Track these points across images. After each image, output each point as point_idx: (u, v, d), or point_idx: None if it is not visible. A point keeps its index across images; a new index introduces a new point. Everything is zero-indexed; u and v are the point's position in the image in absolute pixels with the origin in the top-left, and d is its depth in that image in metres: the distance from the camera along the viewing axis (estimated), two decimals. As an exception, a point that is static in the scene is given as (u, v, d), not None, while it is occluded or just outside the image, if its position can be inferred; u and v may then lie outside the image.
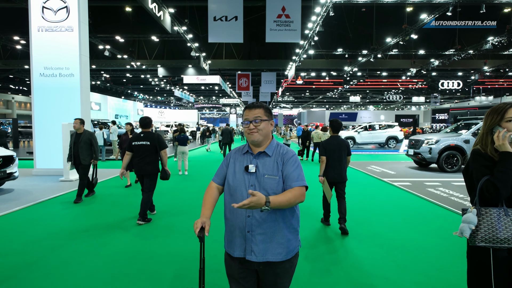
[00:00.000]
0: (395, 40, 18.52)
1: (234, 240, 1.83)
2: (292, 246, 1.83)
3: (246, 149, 1.93)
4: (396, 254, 3.88)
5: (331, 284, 3.15)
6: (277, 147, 1.89)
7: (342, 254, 3.85)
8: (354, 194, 6.93)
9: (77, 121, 6.38)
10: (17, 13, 18.30)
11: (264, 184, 1.78)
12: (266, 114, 1.88)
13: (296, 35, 12.65)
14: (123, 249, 3.95)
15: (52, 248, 3.94)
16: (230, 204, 1.84)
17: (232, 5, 12.45)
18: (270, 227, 1.77)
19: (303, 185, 1.79)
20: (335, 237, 4.43)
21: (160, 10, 13.06)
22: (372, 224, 5.03)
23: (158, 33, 19.35)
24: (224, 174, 1.95)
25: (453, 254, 3.83)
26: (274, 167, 1.81)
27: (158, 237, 4.37)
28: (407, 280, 3.19)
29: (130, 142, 4.97)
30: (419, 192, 7.07)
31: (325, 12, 14.58)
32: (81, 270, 3.37)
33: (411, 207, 6.02)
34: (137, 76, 32.51)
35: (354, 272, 3.37)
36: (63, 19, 8.31)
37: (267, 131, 1.87)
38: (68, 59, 8.41)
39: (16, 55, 23.70)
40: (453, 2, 13.81)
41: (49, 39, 8.44)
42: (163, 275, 3.29)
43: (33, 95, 8.57)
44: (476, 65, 25.62)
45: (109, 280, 3.17)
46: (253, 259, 1.78)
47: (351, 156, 4.77)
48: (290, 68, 24.13)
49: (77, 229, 4.67)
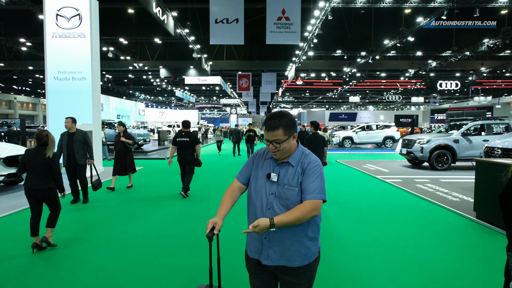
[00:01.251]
0: (392, 42, 18.92)
1: (251, 241, 1.88)
2: (311, 253, 1.83)
3: (270, 154, 1.90)
4: (378, 236, 4.50)
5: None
6: (301, 156, 1.86)
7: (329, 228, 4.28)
8: (347, 189, 7.46)
9: (69, 120, 6.12)
10: (23, 15, 18.68)
11: (283, 194, 1.78)
12: (286, 133, 1.79)
13: (296, 37, 12.83)
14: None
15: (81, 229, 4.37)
16: (251, 207, 1.89)
17: (233, 8, 12.62)
18: (287, 237, 1.78)
19: (319, 198, 1.74)
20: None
21: (164, 14, 13.45)
22: (361, 214, 5.55)
23: (161, 35, 19.73)
24: (248, 174, 1.96)
25: (426, 238, 4.46)
26: (295, 178, 1.79)
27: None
28: (379, 248, 3.66)
29: (175, 138, 6.70)
30: (407, 188, 7.56)
31: (324, 16, 14.96)
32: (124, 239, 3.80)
33: (398, 200, 6.52)
34: (138, 76, 32.87)
35: (336, 236, 3.80)
36: (75, 26, 8.75)
37: (290, 148, 1.82)
38: (80, 64, 8.85)
39: (20, 56, 24.03)
40: (447, 6, 14.20)
41: (63, 45, 8.88)
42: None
43: (48, 97, 9.01)
44: (473, 66, 25.89)
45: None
46: (268, 263, 1.81)
47: (326, 148, 6.29)
48: (290, 69, 24.46)
49: (95, 220, 5.10)
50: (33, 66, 25.32)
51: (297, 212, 1.70)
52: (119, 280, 3.24)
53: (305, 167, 1.80)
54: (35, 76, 32.02)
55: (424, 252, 3.95)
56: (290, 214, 1.70)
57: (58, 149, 6.06)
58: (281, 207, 1.77)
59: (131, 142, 7.55)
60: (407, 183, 8.19)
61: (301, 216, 1.69)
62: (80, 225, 4.98)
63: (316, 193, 1.74)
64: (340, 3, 14.17)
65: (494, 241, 4.33)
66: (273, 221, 1.66)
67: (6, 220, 5.17)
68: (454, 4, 13.96)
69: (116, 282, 3.19)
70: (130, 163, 7.56)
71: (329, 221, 5.16)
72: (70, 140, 6.00)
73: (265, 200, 1.81)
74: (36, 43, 20.58)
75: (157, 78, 32.51)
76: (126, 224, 5.02)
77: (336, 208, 5.92)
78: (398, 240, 4.35)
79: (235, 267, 3.38)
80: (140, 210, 5.80)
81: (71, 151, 5.98)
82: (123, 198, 6.76)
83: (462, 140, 9.98)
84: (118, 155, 7.43)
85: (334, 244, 4.20)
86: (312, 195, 1.73)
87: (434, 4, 14.19)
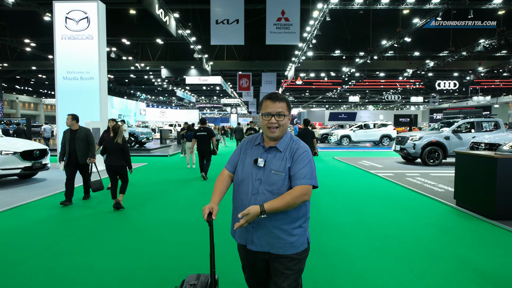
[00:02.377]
0: (390, 42, 19.28)
1: (238, 228, 1.86)
2: (298, 242, 1.80)
3: (258, 140, 1.92)
4: (364, 219, 5.00)
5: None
6: (290, 142, 1.87)
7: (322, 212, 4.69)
8: (341, 182, 7.94)
9: (69, 117, 5.95)
10: (27, 16, 19.02)
11: (269, 179, 1.77)
12: (288, 109, 1.85)
13: (295, 37, 13.03)
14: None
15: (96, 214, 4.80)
16: (237, 193, 1.88)
17: (233, 9, 12.81)
18: (272, 224, 1.76)
19: (309, 183, 1.74)
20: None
21: (166, 15, 13.83)
22: (352, 202, 6.03)
23: (163, 36, 20.05)
24: (236, 162, 1.96)
25: (408, 220, 4.95)
26: (282, 163, 1.79)
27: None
28: (364, 230, 4.05)
29: (195, 132, 8.36)
30: (398, 181, 8.03)
31: (322, 17, 15.31)
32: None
33: (387, 191, 6.99)
34: (140, 76, 33.20)
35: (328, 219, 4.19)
36: (84, 28, 9.20)
37: (287, 127, 1.86)
38: (88, 64, 9.30)
39: (23, 56, 24.33)
40: (442, 8, 14.58)
41: (72, 46, 9.34)
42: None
43: (57, 96, 9.46)
44: (471, 66, 26.11)
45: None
46: (253, 249, 1.81)
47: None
48: (290, 69, 24.74)
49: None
50: (36, 66, 25.59)
51: (288, 198, 1.69)
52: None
53: (294, 153, 1.81)
54: (37, 76, 32.34)
55: (403, 231, 4.45)
56: (281, 199, 1.69)
57: (62, 147, 5.92)
58: (266, 193, 1.76)
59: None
60: (398, 177, 8.63)
61: (291, 201, 1.69)
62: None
63: (307, 179, 1.73)
64: (338, 5, 14.53)
65: (469, 223, 4.77)
66: (264, 208, 1.65)
67: (32, 205, 5.62)
68: (449, 5, 14.32)
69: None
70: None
71: (321, 208, 5.60)
72: (72, 138, 5.87)
73: (250, 186, 1.80)
74: (40, 43, 20.97)
75: (158, 78, 32.83)
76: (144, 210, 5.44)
77: (330, 198, 6.37)
78: (382, 222, 4.83)
79: (227, 256, 3.56)
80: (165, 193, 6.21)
81: (73, 149, 5.83)
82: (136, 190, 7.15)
83: (453, 137, 10.38)
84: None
85: (324, 226, 4.65)
86: (303, 181, 1.73)
87: (429, 6, 14.56)
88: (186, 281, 2.00)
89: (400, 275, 3.15)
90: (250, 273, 1.99)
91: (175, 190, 7.23)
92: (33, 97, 49.60)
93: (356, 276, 3.13)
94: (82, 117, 8.94)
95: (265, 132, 1.86)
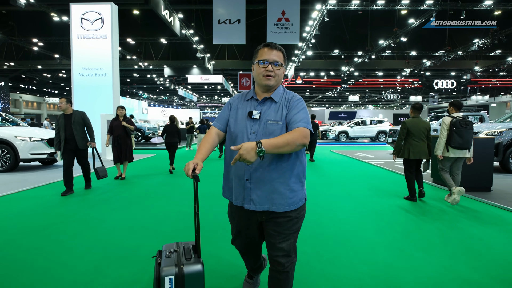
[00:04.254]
0: (387, 42, 19.86)
1: (233, 189, 1.79)
2: (297, 197, 1.75)
3: (251, 95, 1.86)
4: (350, 192, 5.85)
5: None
6: (284, 92, 1.83)
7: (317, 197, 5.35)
8: (335, 168, 8.73)
9: (63, 100, 5.50)
10: (35, 16, 19.57)
11: (266, 130, 1.71)
12: (284, 59, 1.80)
13: (295, 37, 13.51)
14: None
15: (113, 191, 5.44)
16: (231, 151, 1.76)
17: (235, 9, 13.25)
18: (272, 177, 1.69)
19: (306, 127, 1.66)
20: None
21: (171, 16, 14.45)
22: (342, 180, 6.81)
23: (166, 35, 20.59)
24: (226, 119, 1.87)
25: (387, 193, 5.91)
26: (278, 113, 1.74)
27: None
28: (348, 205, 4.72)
29: (205, 128, 9.52)
30: (386, 167, 8.98)
31: (321, 17, 15.88)
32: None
33: (375, 174, 8.02)
34: (142, 75, 33.72)
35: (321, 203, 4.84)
36: (98, 28, 9.94)
37: (281, 79, 1.81)
38: (102, 61, 10.06)
39: (29, 56, 24.77)
40: (436, 9, 15.19)
41: (87, 45, 10.09)
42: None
43: (73, 91, 10.21)
44: (468, 65, 26.41)
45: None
46: (251, 208, 1.72)
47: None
48: (290, 68, 25.08)
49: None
50: (42, 65, 25.98)
51: (288, 136, 1.61)
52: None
53: (289, 101, 1.77)
54: (42, 75, 32.86)
55: (379, 200, 5.41)
56: (280, 137, 1.60)
57: (56, 135, 5.49)
58: None
59: (132, 127, 6.95)
60: (388, 164, 9.54)
61: (291, 140, 1.59)
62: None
63: (304, 122, 1.68)
64: (336, 6, 15.12)
65: (436, 194, 5.79)
66: (259, 141, 1.54)
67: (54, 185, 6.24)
68: (441, 7, 14.93)
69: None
70: (128, 151, 6.97)
71: (316, 186, 6.46)
72: (67, 123, 5.43)
73: (246, 140, 1.72)
74: (48, 43, 21.57)
75: (160, 77, 33.37)
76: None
77: (324, 178, 7.30)
78: (365, 194, 5.85)
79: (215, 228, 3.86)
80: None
81: (70, 134, 5.42)
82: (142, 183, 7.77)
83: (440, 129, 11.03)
84: (117, 141, 6.82)
85: (318, 195, 5.63)
86: (301, 123, 1.67)
87: (423, 7, 15.17)
88: (164, 249, 1.86)
89: (371, 221, 4.21)
90: (245, 237, 1.92)
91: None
92: (36, 96, 50.10)
93: (337, 222, 4.17)
94: (96, 109, 9.70)
95: (259, 81, 1.78)
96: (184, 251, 1.80)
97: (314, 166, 9.37)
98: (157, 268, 1.75)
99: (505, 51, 23.48)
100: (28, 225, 3.96)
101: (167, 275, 1.63)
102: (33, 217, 4.28)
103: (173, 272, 1.64)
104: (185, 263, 1.68)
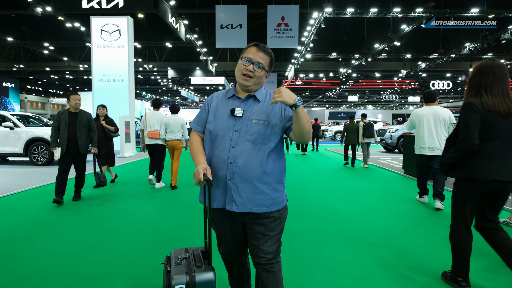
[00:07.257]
0: (382, 45, 20.67)
1: (213, 190, 1.70)
2: (280, 198, 1.73)
3: (232, 93, 1.80)
4: (335, 181, 6.89)
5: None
6: (266, 93, 1.79)
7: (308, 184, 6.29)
8: (325, 163, 9.72)
9: (78, 96, 4.98)
10: (47, 21, 20.28)
11: (250, 128, 1.66)
12: (269, 66, 1.74)
13: (294, 41, 14.18)
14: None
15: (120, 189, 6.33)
16: (212, 150, 1.71)
17: (237, 14, 14.01)
18: (253, 176, 1.64)
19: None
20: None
21: (177, 22, 15.33)
22: (328, 172, 7.69)
23: (170, 39, 21.21)
24: (205, 121, 1.80)
25: (366, 181, 7.09)
26: (263, 113, 1.69)
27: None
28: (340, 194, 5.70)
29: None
30: (372, 162, 10.08)
31: (318, 24, 16.69)
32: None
33: (360, 168, 9.21)
34: (146, 77, 34.43)
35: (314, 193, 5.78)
36: (116, 38, 11.06)
37: (261, 82, 1.75)
38: (119, 69, 11.20)
39: (36, 58, 25.41)
40: (426, 16, 16.06)
41: (106, 54, 11.24)
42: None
43: (93, 95, 11.28)
44: (463, 67, 26.85)
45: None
46: (233, 209, 1.66)
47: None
48: (290, 70, 25.79)
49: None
50: (50, 67, 26.70)
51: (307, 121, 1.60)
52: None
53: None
54: (49, 76, 33.55)
55: (359, 186, 6.54)
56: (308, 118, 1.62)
57: (54, 131, 4.82)
58: (247, 143, 1.65)
59: (113, 128, 6.40)
60: (373, 160, 10.67)
61: (308, 126, 1.60)
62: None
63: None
64: (332, 13, 15.96)
65: (406, 183, 6.91)
66: (299, 104, 1.52)
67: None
68: (431, 14, 15.80)
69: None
70: (110, 155, 6.45)
71: (307, 177, 7.55)
72: (72, 122, 4.87)
73: (228, 139, 1.68)
74: (58, 46, 22.37)
75: (164, 78, 34.10)
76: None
77: (314, 172, 8.38)
78: (346, 182, 7.03)
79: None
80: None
81: (73, 135, 4.84)
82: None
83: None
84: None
85: (307, 184, 6.71)
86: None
87: (414, 14, 16.05)
88: (173, 255, 1.81)
89: (353, 202, 5.24)
90: (229, 242, 1.83)
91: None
92: (41, 96, 50.77)
93: (324, 201, 5.25)
94: (114, 112, 10.64)
95: (237, 78, 1.75)
96: (194, 258, 1.76)
97: (306, 159, 10.36)
98: (167, 276, 1.70)
99: (496, 54, 24.21)
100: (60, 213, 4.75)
101: (178, 283, 1.59)
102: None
103: (184, 281, 1.60)
104: (196, 271, 1.64)
